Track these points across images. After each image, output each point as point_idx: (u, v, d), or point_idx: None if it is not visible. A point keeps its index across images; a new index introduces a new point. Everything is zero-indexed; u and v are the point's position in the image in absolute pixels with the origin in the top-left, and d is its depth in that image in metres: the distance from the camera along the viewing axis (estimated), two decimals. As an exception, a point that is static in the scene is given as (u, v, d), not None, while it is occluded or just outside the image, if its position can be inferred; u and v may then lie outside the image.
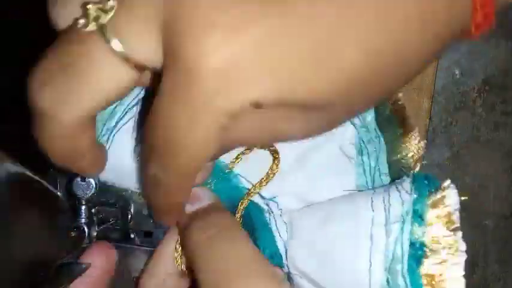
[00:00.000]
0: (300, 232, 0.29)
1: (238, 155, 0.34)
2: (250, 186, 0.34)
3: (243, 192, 0.34)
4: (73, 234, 0.32)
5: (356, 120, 0.34)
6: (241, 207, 0.34)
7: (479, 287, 0.92)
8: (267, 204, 0.34)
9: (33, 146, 0.36)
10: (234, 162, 0.34)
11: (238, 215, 0.34)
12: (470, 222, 0.94)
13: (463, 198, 0.29)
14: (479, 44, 0.90)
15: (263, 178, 0.34)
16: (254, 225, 0.34)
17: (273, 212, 0.34)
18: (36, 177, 0.31)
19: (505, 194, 0.94)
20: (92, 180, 0.32)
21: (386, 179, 0.33)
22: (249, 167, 0.35)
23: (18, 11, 0.39)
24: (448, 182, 0.29)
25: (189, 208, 0.32)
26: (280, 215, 0.34)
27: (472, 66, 0.91)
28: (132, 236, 0.36)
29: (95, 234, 0.34)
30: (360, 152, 0.34)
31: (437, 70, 0.40)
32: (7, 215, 0.23)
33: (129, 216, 0.36)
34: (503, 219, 0.94)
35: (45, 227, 0.28)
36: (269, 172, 0.33)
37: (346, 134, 0.34)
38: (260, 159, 0.34)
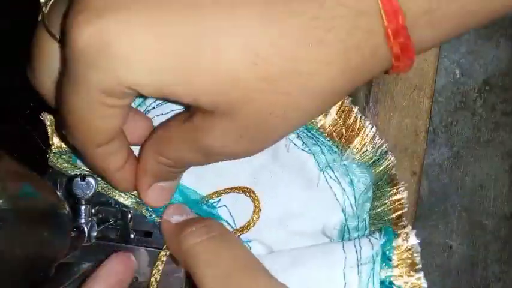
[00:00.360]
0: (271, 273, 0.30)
1: (220, 191, 0.35)
2: (230, 221, 0.35)
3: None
4: (73, 234, 0.32)
5: (348, 209, 0.34)
6: None
7: (479, 287, 0.92)
8: None
9: (33, 146, 0.36)
10: (211, 196, 0.35)
11: None
12: (470, 222, 0.94)
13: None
14: (479, 44, 0.90)
15: (243, 226, 0.35)
16: None
17: None
18: (37, 177, 0.31)
19: (505, 194, 0.94)
20: (92, 180, 0.32)
21: None
22: (236, 202, 0.35)
23: (18, 11, 0.40)
24: (409, 228, 0.32)
25: (178, 219, 0.33)
26: None
27: (472, 66, 0.91)
28: (132, 236, 0.36)
29: (94, 234, 0.34)
30: (341, 237, 0.34)
31: (437, 70, 0.40)
32: (7, 215, 0.23)
33: (129, 216, 0.36)
34: (503, 219, 0.94)
35: (45, 227, 0.28)
36: (249, 222, 0.34)
37: (333, 218, 0.34)
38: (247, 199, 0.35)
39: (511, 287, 0.94)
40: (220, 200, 0.35)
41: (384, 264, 0.30)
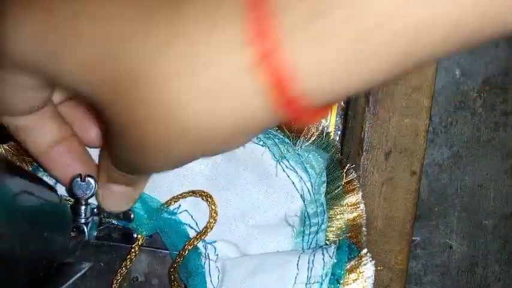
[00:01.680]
0: (230, 280, 0.31)
1: (178, 196, 0.35)
2: (193, 224, 0.36)
3: (184, 230, 0.36)
4: (73, 234, 0.32)
5: (306, 195, 0.35)
6: (184, 253, 0.35)
7: (479, 287, 0.92)
8: (205, 247, 0.36)
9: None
10: (169, 202, 0.35)
11: (179, 259, 0.35)
12: (470, 222, 0.94)
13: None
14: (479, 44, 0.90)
15: (200, 232, 0.35)
16: (189, 271, 0.35)
17: (208, 258, 0.36)
18: (36, 177, 0.31)
19: (505, 194, 0.94)
20: (91, 180, 0.32)
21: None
22: (196, 205, 0.36)
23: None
24: (365, 251, 0.33)
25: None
26: (215, 261, 0.35)
27: (472, 66, 0.91)
28: (132, 235, 0.36)
29: (94, 234, 0.34)
30: (303, 223, 0.36)
31: (437, 70, 0.40)
32: (7, 215, 0.23)
33: (131, 217, 0.36)
34: (503, 219, 0.94)
35: (45, 227, 0.28)
36: (207, 226, 0.35)
37: (293, 205, 0.35)
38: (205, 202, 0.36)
39: (511, 287, 0.94)
40: (180, 205, 0.35)
41: (332, 285, 0.32)
